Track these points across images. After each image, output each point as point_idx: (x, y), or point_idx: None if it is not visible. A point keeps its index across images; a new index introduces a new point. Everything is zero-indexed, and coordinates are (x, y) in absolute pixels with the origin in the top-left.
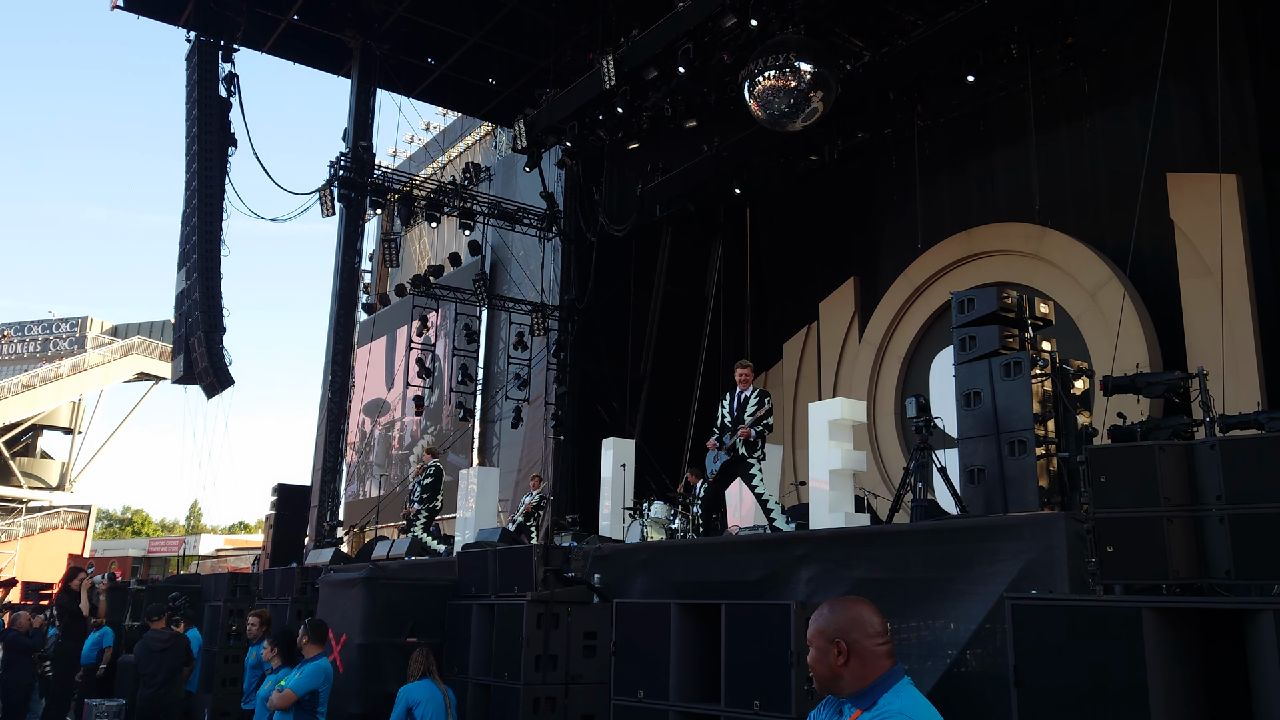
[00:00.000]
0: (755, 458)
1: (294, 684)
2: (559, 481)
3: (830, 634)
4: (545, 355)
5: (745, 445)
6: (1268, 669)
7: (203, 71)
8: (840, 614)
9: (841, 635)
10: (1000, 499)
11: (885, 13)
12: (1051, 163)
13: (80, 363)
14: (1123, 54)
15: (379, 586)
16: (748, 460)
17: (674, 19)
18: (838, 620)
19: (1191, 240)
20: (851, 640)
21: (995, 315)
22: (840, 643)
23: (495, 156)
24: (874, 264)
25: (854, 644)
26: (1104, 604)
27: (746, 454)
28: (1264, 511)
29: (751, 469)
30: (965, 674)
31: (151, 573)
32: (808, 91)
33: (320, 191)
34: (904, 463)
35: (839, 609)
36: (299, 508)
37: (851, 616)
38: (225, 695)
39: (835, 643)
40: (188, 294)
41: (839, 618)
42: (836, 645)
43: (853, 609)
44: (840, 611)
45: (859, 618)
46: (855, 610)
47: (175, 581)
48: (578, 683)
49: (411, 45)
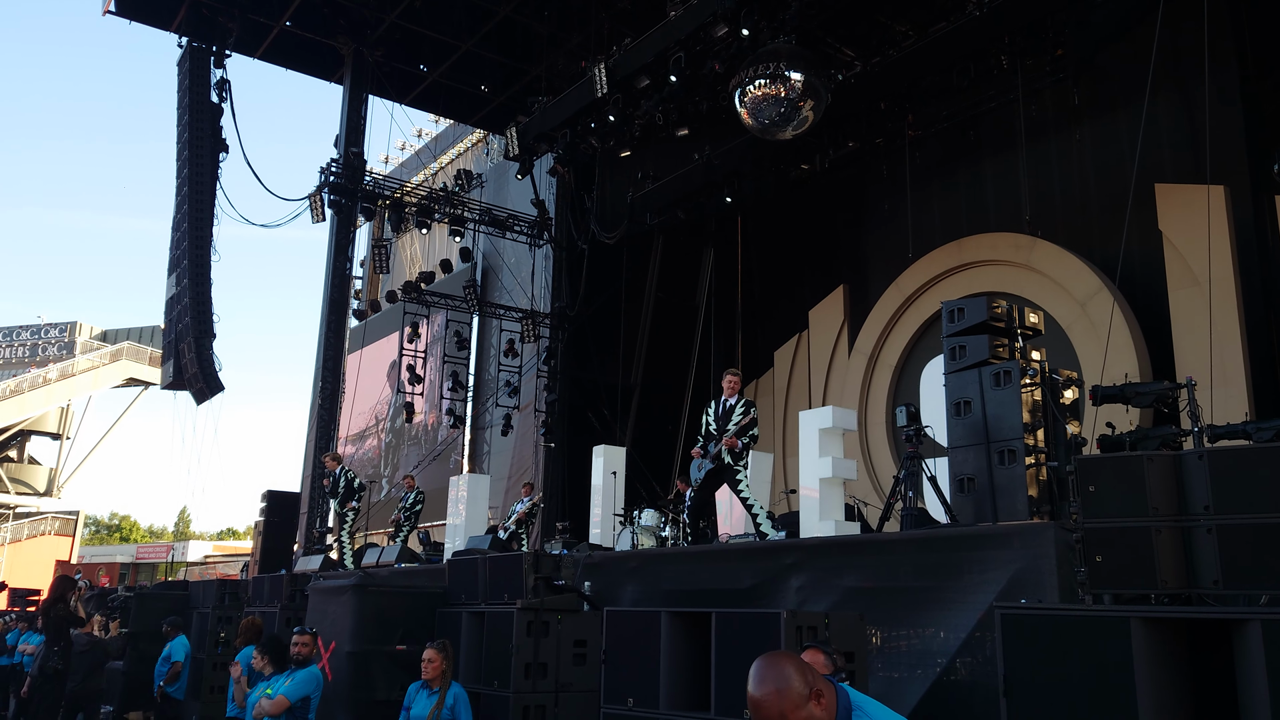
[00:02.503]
0: (741, 465)
1: (286, 690)
2: (549, 489)
3: (802, 695)
4: (536, 362)
5: (731, 454)
6: (1255, 679)
7: (194, 77)
8: (788, 671)
9: (809, 680)
10: (990, 508)
11: (876, 23)
12: (1041, 173)
13: (69, 368)
14: (1112, 66)
15: (369, 594)
16: (734, 468)
17: (666, 28)
18: (793, 675)
19: (1180, 251)
20: (814, 675)
21: (985, 325)
22: (814, 690)
23: (487, 163)
24: (865, 273)
25: (816, 677)
26: (1093, 613)
27: (732, 462)
28: (1252, 522)
29: (739, 476)
30: (955, 682)
31: (139, 579)
32: (798, 101)
33: (311, 197)
34: (894, 471)
35: (779, 670)
36: (288, 514)
37: (798, 661)
38: (213, 703)
39: (812, 697)
40: (178, 299)
41: (791, 675)
42: (814, 696)
43: (791, 657)
44: (784, 670)
45: (800, 660)
46: (793, 657)
47: (163, 588)
48: (567, 691)
49: (404, 52)
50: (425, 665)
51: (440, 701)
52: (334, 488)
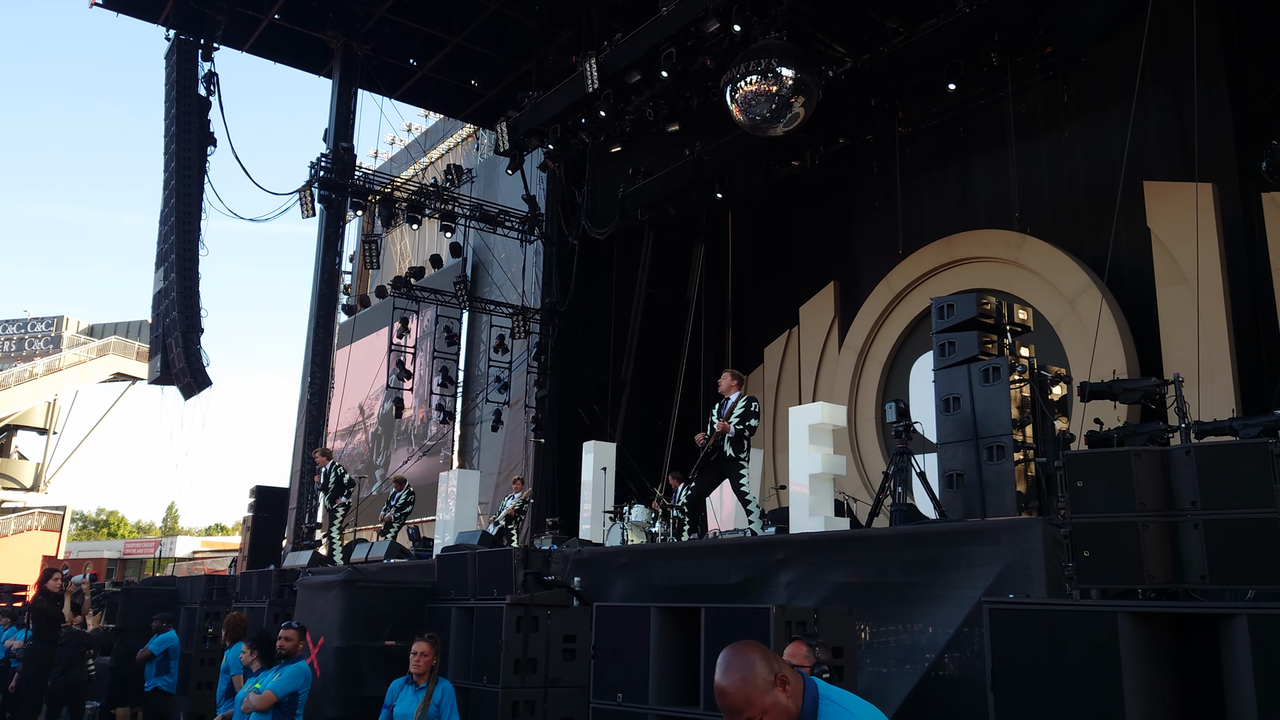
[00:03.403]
0: (743, 459)
1: (274, 685)
2: (539, 485)
3: (767, 682)
4: (526, 358)
5: (733, 446)
6: (1242, 673)
7: (182, 70)
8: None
9: (775, 668)
10: (978, 504)
11: (867, 19)
12: (1031, 171)
13: (56, 362)
14: (1101, 64)
15: (357, 589)
16: (738, 460)
17: (657, 23)
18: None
19: (1168, 248)
20: (779, 662)
21: (974, 321)
22: (779, 677)
23: (477, 159)
24: (855, 269)
25: (782, 664)
26: (1080, 608)
27: (735, 454)
28: (1238, 517)
29: (741, 471)
30: (943, 677)
31: (127, 575)
32: (789, 97)
33: (300, 192)
34: (884, 467)
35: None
36: (277, 510)
37: (764, 650)
38: (201, 698)
39: (776, 683)
40: (165, 294)
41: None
42: (779, 683)
43: (756, 646)
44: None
45: (765, 649)
46: (758, 646)
47: (152, 583)
48: (557, 686)
49: (393, 46)
50: (416, 659)
51: (428, 698)
52: (324, 483)
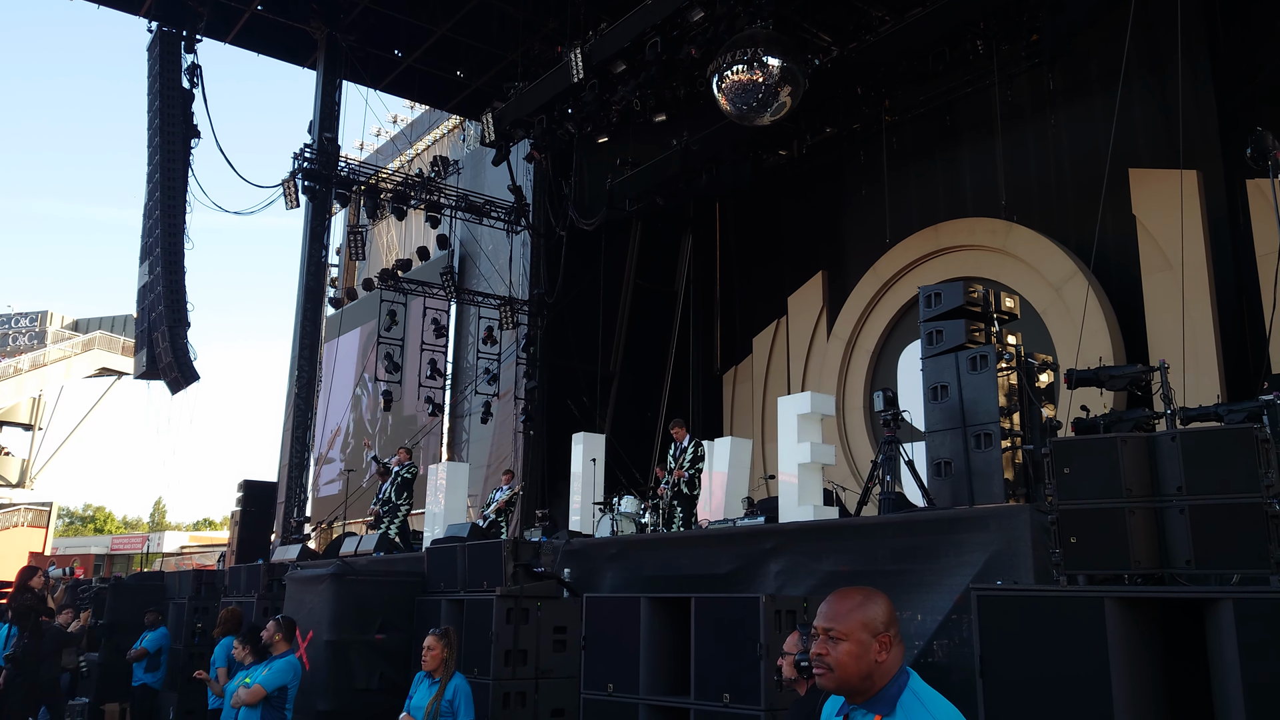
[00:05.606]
0: (696, 494)
1: (263, 679)
2: (529, 476)
3: (876, 626)
4: (515, 350)
5: (687, 485)
6: (1227, 657)
7: (165, 62)
8: (882, 603)
9: (889, 626)
10: (966, 491)
11: (853, 8)
12: (1017, 158)
13: (40, 358)
14: (1086, 51)
15: (347, 583)
16: (693, 496)
17: (642, 12)
18: (883, 610)
19: (1153, 235)
20: (895, 633)
21: (962, 310)
22: (885, 636)
23: (463, 150)
24: (842, 258)
25: (895, 637)
26: (1067, 594)
27: (689, 491)
28: (1223, 502)
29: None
30: (932, 664)
31: (115, 570)
32: (776, 86)
33: (285, 184)
34: (872, 456)
35: (877, 598)
36: (265, 504)
37: (889, 606)
38: (190, 693)
39: (879, 637)
40: (150, 288)
41: (882, 607)
42: (880, 640)
43: (885, 598)
44: (880, 601)
45: (892, 608)
46: (888, 600)
47: (139, 579)
48: (548, 677)
49: (378, 37)
50: (424, 654)
51: (439, 693)
52: (396, 477)
